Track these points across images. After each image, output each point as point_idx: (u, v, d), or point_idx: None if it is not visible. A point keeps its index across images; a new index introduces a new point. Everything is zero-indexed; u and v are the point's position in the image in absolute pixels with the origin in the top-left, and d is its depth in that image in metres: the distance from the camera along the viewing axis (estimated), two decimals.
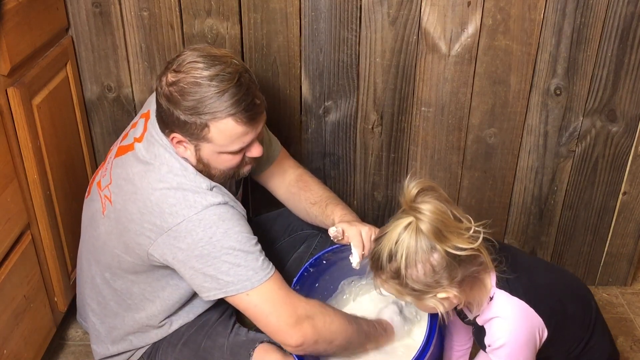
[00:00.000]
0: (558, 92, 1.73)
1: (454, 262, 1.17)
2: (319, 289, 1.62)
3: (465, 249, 1.17)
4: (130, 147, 1.41)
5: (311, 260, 1.55)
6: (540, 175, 1.85)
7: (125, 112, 1.81)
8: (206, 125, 1.29)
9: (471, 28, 1.66)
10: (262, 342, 1.45)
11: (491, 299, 1.26)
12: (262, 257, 1.35)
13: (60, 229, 1.62)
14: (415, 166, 1.86)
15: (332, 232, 1.47)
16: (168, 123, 1.33)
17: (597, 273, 2.01)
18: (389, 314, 1.53)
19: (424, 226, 1.16)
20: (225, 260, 1.31)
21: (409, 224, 1.18)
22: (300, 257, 1.73)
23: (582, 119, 1.76)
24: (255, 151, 1.39)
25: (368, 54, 1.71)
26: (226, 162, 1.37)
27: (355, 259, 1.46)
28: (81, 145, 1.78)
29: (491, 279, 1.26)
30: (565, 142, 1.80)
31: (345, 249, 1.50)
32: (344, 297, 1.69)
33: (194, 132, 1.31)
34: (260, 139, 1.40)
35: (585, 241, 1.96)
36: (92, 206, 1.48)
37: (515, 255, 1.29)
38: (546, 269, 1.36)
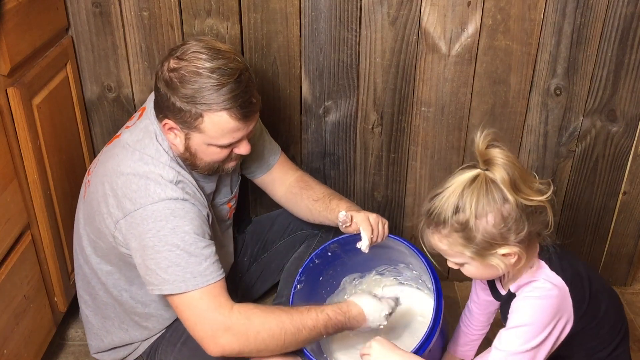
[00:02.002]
0: (558, 92, 1.73)
1: (523, 214, 1.16)
2: (323, 283, 1.63)
3: (536, 200, 1.17)
4: (118, 135, 1.45)
5: (317, 250, 1.56)
6: (540, 175, 1.83)
7: (125, 112, 1.81)
8: (200, 116, 1.31)
9: (471, 28, 1.66)
10: None
11: (530, 267, 1.25)
12: (207, 262, 1.33)
13: (60, 229, 1.63)
14: (415, 166, 1.86)
15: (341, 216, 1.49)
16: (163, 108, 1.34)
17: (597, 273, 2.01)
18: (362, 297, 1.47)
19: (499, 174, 1.15)
20: (167, 257, 1.31)
21: (477, 175, 1.17)
22: (300, 257, 1.73)
23: (582, 119, 1.76)
24: (244, 149, 1.40)
25: (368, 54, 1.71)
26: (213, 155, 1.38)
27: (364, 243, 1.47)
28: (81, 145, 1.78)
29: (536, 249, 1.25)
30: (565, 142, 1.80)
31: (352, 240, 1.51)
32: (345, 296, 1.69)
33: (187, 121, 1.32)
34: (250, 137, 1.41)
35: (585, 241, 1.96)
36: (80, 193, 1.52)
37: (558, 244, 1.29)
38: (586, 265, 1.34)
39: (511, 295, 1.28)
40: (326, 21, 1.67)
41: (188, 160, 1.39)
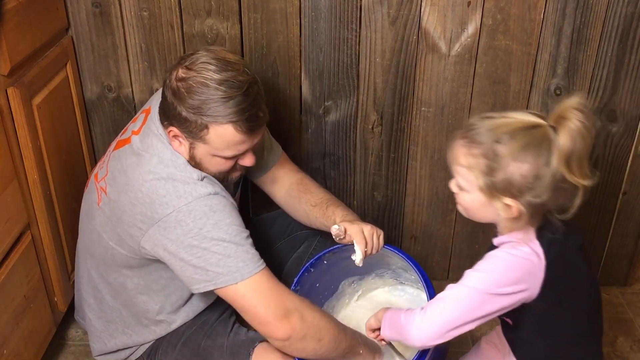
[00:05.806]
0: (558, 92, 1.73)
1: (554, 185, 1.11)
2: (320, 289, 1.62)
3: (574, 180, 1.10)
4: (127, 141, 1.43)
5: (312, 260, 1.56)
6: None
7: (125, 112, 1.81)
8: (206, 127, 1.30)
9: (471, 28, 1.66)
10: (261, 341, 1.45)
11: (521, 232, 1.20)
12: (252, 250, 1.34)
13: (60, 229, 1.62)
14: (415, 166, 1.86)
15: (334, 230, 1.47)
16: (169, 116, 1.34)
17: (597, 273, 2.01)
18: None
19: (562, 139, 1.10)
20: (215, 251, 1.31)
21: (539, 125, 1.11)
22: (299, 258, 1.73)
23: None
24: (248, 160, 1.40)
25: (368, 54, 1.71)
26: (217, 165, 1.38)
27: (358, 256, 1.46)
28: (81, 145, 1.78)
29: (538, 222, 1.20)
30: None
31: (346, 249, 1.49)
32: (345, 298, 1.69)
33: (193, 131, 1.32)
34: (255, 148, 1.41)
35: (585, 241, 1.95)
36: (89, 198, 1.49)
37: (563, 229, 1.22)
38: (585, 262, 1.28)
39: (492, 248, 1.24)
40: (326, 21, 1.67)
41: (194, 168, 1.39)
